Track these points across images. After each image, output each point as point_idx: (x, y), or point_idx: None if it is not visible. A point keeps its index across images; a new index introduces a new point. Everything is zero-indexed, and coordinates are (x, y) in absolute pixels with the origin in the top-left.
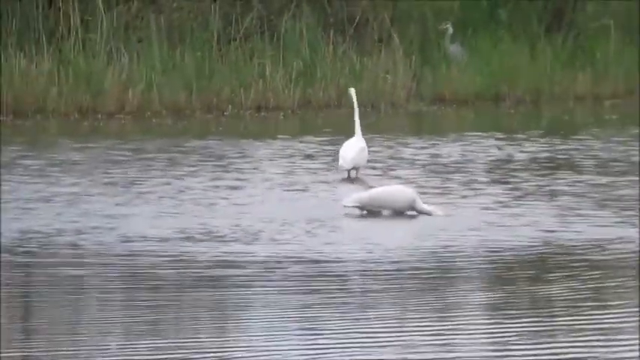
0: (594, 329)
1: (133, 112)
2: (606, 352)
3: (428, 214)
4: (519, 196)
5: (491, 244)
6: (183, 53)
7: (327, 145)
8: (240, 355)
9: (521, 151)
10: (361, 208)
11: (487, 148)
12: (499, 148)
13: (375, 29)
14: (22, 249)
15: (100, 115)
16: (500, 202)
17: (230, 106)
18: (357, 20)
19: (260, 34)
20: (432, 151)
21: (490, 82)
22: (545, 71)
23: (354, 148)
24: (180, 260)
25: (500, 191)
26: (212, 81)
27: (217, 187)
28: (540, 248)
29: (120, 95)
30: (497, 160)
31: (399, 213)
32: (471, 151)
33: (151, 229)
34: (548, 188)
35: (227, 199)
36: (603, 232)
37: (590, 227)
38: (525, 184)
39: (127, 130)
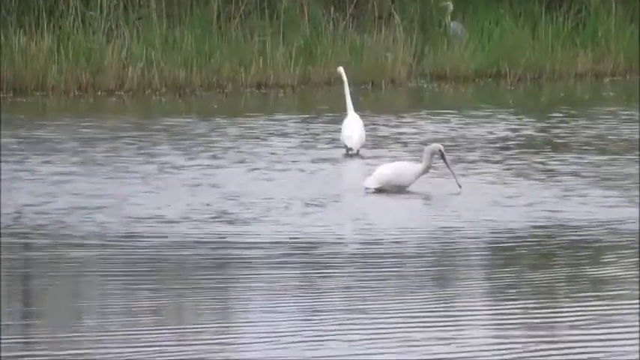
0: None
1: (133, 89)
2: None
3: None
4: (518, 175)
5: (499, 225)
6: (183, 31)
7: (325, 123)
8: (241, 342)
9: (517, 129)
10: (381, 188)
11: (483, 125)
12: (478, 126)
13: (375, 7)
14: (13, 230)
15: (99, 93)
16: (499, 182)
17: (230, 84)
18: None
19: (260, 12)
20: (426, 128)
21: (491, 60)
22: (546, 49)
23: (357, 128)
24: (180, 242)
25: (497, 170)
26: (212, 58)
27: (208, 166)
28: (550, 230)
29: (119, 72)
30: (493, 138)
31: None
32: (466, 129)
33: (145, 210)
34: (546, 167)
35: (219, 177)
36: (611, 213)
37: (596, 208)
38: (523, 162)
39: (118, 107)
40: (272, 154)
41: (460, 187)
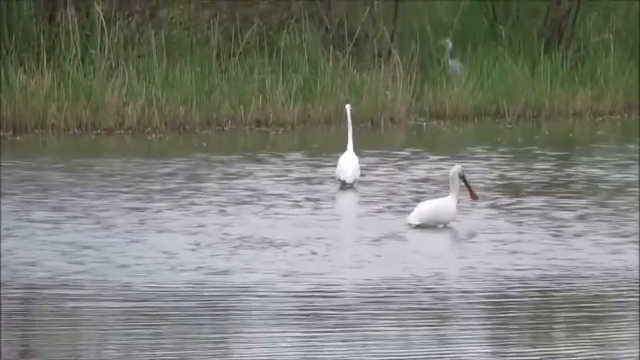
0: None
1: (133, 127)
2: None
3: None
4: (515, 221)
5: (503, 273)
6: (183, 69)
7: (322, 163)
8: None
9: (517, 171)
10: (423, 224)
11: (482, 165)
12: (477, 166)
13: (374, 45)
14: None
15: (99, 131)
16: (499, 226)
17: (230, 122)
18: (356, 35)
19: (260, 50)
20: (423, 167)
21: (490, 98)
22: (545, 87)
23: (352, 163)
24: (178, 292)
25: (498, 213)
26: (212, 96)
27: (205, 211)
28: (553, 281)
29: (119, 110)
30: (491, 179)
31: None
32: (466, 169)
33: (138, 259)
34: (548, 211)
35: (216, 223)
36: (611, 260)
37: (595, 255)
38: (525, 206)
39: (116, 146)
40: (268, 194)
41: (477, 198)
